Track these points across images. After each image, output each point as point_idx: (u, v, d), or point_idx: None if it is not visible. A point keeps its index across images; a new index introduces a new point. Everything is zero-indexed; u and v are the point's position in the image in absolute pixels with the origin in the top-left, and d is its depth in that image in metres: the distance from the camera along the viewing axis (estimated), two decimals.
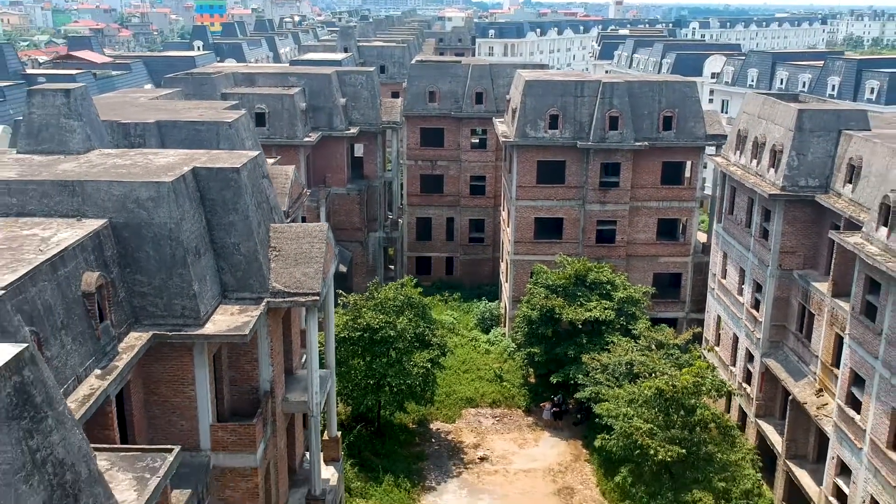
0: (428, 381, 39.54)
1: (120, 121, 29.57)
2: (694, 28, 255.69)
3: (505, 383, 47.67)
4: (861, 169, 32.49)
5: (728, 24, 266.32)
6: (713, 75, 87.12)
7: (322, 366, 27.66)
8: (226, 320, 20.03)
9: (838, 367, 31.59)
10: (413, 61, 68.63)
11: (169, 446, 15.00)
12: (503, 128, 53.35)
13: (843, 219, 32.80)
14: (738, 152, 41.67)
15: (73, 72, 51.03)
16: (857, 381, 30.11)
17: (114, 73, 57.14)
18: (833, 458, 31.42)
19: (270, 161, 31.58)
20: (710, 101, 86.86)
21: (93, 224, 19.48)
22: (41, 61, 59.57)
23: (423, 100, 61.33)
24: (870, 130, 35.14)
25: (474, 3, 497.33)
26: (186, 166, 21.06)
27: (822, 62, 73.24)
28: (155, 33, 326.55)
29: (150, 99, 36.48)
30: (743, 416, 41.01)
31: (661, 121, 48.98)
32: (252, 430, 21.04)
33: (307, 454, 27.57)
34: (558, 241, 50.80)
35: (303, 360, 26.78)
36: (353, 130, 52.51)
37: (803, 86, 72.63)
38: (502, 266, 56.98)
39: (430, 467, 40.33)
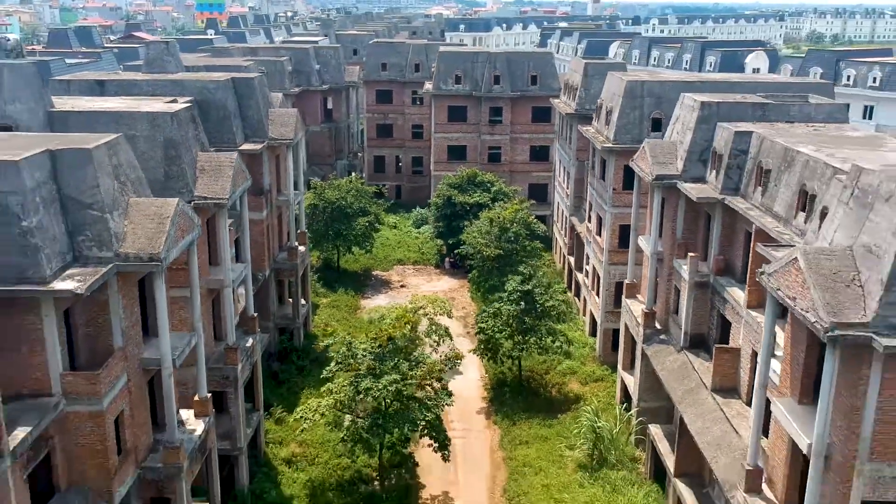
0: (367, 234, 63.67)
1: (186, 65, 53.52)
2: (654, 24, 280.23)
3: (423, 252, 71.83)
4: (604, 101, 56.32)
5: (686, 20, 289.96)
6: (614, 55, 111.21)
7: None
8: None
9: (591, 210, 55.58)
10: (370, 41, 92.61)
11: None
12: (428, 85, 77.46)
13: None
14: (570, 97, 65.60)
15: (135, 45, 75.12)
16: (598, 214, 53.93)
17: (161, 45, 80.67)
18: (587, 258, 55.44)
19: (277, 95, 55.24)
20: None
21: (185, 99, 43.32)
22: (112, 38, 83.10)
23: (377, 69, 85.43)
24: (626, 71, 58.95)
25: (461, 1, 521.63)
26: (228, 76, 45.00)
27: (680, 44, 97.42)
28: (159, 29, 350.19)
29: (199, 58, 60.50)
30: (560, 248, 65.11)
31: (530, 78, 73.14)
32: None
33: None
34: (464, 162, 74.80)
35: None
36: (325, 87, 76.62)
37: (668, 62, 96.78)
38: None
39: (369, 289, 64.49)
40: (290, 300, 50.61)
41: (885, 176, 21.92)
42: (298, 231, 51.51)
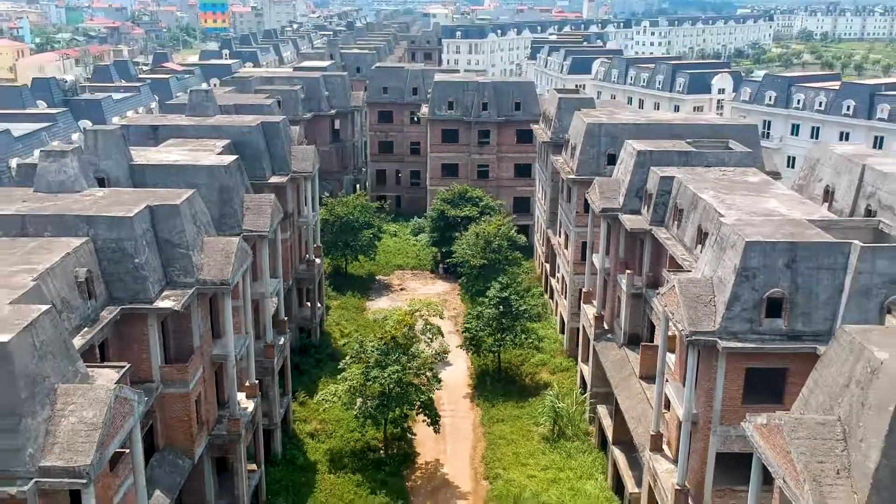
0: (371, 244, 73.56)
1: (219, 104, 63.21)
2: (645, 27, 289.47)
3: (421, 258, 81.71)
4: (570, 137, 65.91)
5: (676, 22, 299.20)
6: (595, 73, 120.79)
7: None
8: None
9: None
10: (373, 67, 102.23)
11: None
12: (424, 109, 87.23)
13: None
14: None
15: (166, 76, 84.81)
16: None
17: (186, 76, 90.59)
18: (559, 266, 65.27)
19: (294, 128, 64.79)
20: (598, 94, 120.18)
21: (224, 141, 53.05)
22: (144, 69, 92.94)
23: (379, 92, 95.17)
24: (595, 108, 68.66)
25: None
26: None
27: (654, 65, 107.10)
28: (164, 30, 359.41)
29: (224, 93, 70.21)
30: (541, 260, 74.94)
31: (514, 105, 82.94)
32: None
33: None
34: (456, 178, 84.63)
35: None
36: (333, 112, 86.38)
37: (643, 81, 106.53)
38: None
39: (373, 292, 74.43)
40: (308, 304, 60.57)
41: (731, 230, 31.82)
42: (314, 245, 61.42)
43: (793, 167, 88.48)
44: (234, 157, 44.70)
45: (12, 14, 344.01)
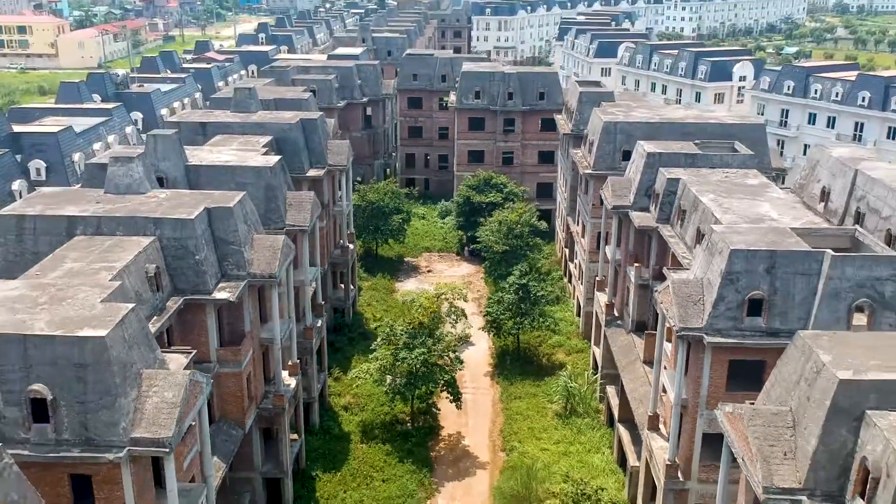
0: (400, 228, 78.10)
1: (260, 98, 67.64)
2: (676, 2, 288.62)
3: (447, 241, 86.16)
4: (589, 132, 69.47)
5: None
6: (621, 58, 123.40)
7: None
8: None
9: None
10: (404, 54, 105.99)
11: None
12: (452, 97, 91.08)
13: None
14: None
15: (208, 66, 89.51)
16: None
17: (227, 64, 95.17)
18: (576, 253, 69.28)
19: (330, 120, 68.87)
20: (623, 78, 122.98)
21: (266, 137, 57.56)
22: (188, 59, 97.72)
23: (409, 79, 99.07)
24: (614, 102, 72.15)
25: None
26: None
27: (677, 52, 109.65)
28: (198, 2, 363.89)
29: (264, 86, 74.67)
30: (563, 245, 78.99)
31: (538, 94, 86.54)
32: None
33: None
34: (482, 164, 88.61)
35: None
36: (365, 99, 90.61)
37: (666, 68, 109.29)
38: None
39: (402, 274, 79.12)
40: (342, 286, 65.39)
41: (720, 237, 35.83)
42: (348, 232, 66.06)
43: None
44: (277, 158, 49.26)
45: None
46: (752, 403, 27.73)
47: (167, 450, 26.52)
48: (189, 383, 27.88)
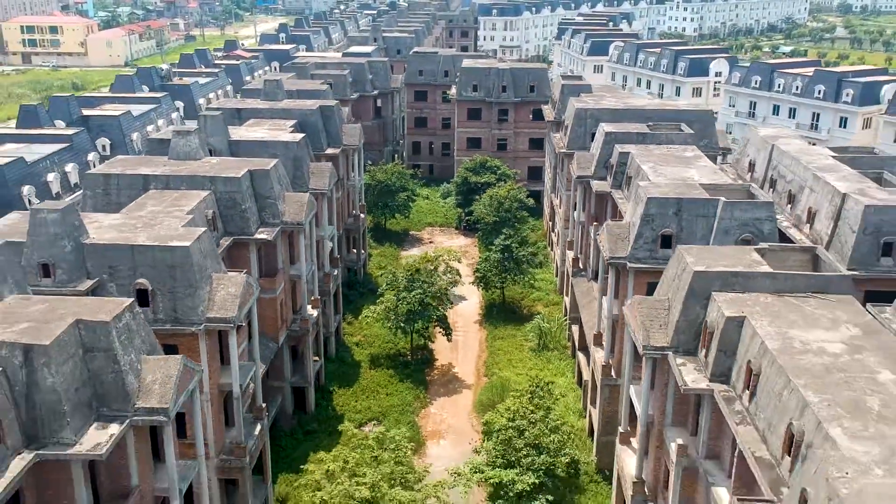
0: (406, 205, 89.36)
1: (285, 88, 78.91)
2: (678, 2, 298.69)
3: (447, 217, 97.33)
4: (566, 118, 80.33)
5: None
6: (611, 55, 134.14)
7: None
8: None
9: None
10: (411, 52, 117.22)
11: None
12: (453, 90, 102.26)
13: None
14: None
15: (237, 62, 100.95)
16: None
17: (252, 61, 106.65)
18: (555, 223, 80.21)
19: (344, 109, 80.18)
20: (613, 74, 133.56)
21: (292, 121, 68.79)
22: (219, 55, 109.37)
23: (416, 75, 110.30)
24: (591, 93, 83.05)
25: None
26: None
27: (660, 50, 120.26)
28: (217, 3, 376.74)
29: (287, 79, 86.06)
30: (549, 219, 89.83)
31: (529, 88, 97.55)
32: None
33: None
34: (479, 149, 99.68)
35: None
36: (375, 92, 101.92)
37: (650, 64, 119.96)
38: None
39: (407, 244, 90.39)
40: (354, 250, 76.64)
41: (642, 189, 46.72)
42: (360, 203, 77.28)
43: None
44: (302, 135, 60.56)
45: None
46: None
47: (233, 325, 37.80)
48: (246, 282, 39.20)
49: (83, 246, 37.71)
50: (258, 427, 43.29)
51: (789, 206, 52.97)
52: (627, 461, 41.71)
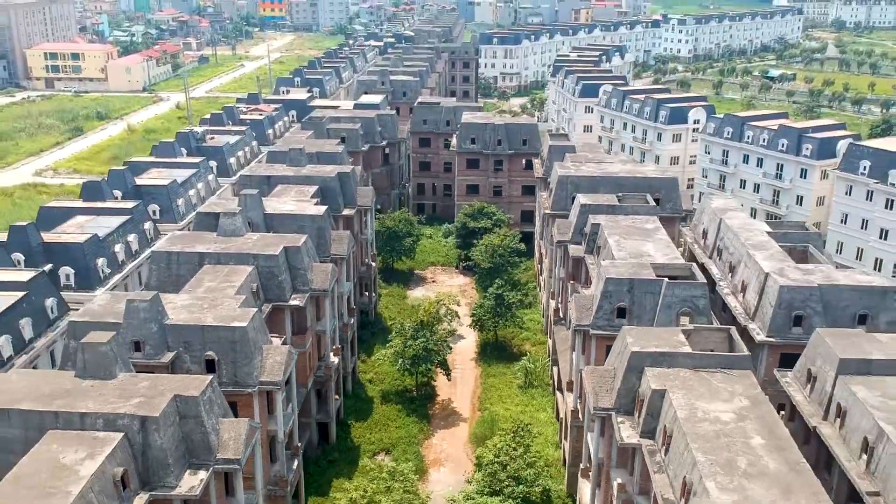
0: (412, 248, 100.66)
1: (306, 152, 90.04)
2: (673, 24, 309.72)
3: (448, 257, 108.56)
4: (550, 181, 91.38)
5: (703, 20, 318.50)
6: (600, 98, 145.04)
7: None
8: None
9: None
10: (416, 103, 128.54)
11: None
12: (454, 141, 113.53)
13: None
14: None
15: (260, 117, 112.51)
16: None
17: (274, 113, 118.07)
18: (543, 269, 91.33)
19: (357, 168, 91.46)
20: (602, 118, 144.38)
21: (314, 187, 79.96)
22: (243, 109, 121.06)
23: (420, 124, 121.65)
24: (574, 153, 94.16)
25: None
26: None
27: (644, 97, 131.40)
28: (227, 21, 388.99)
29: (306, 138, 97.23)
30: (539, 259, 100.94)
31: (521, 141, 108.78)
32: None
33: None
34: (477, 195, 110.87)
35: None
36: (384, 143, 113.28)
37: (635, 111, 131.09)
38: None
39: (412, 283, 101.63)
40: (367, 293, 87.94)
41: (602, 269, 57.82)
42: (371, 253, 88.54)
43: (743, 188, 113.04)
44: (325, 208, 71.86)
45: (94, 12, 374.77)
46: None
47: (279, 388, 49.05)
48: (288, 352, 50.49)
49: (165, 326, 49.00)
50: (295, 462, 54.56)
51: (731, 274, 64.25)
52: (586, 491, 52.91)
